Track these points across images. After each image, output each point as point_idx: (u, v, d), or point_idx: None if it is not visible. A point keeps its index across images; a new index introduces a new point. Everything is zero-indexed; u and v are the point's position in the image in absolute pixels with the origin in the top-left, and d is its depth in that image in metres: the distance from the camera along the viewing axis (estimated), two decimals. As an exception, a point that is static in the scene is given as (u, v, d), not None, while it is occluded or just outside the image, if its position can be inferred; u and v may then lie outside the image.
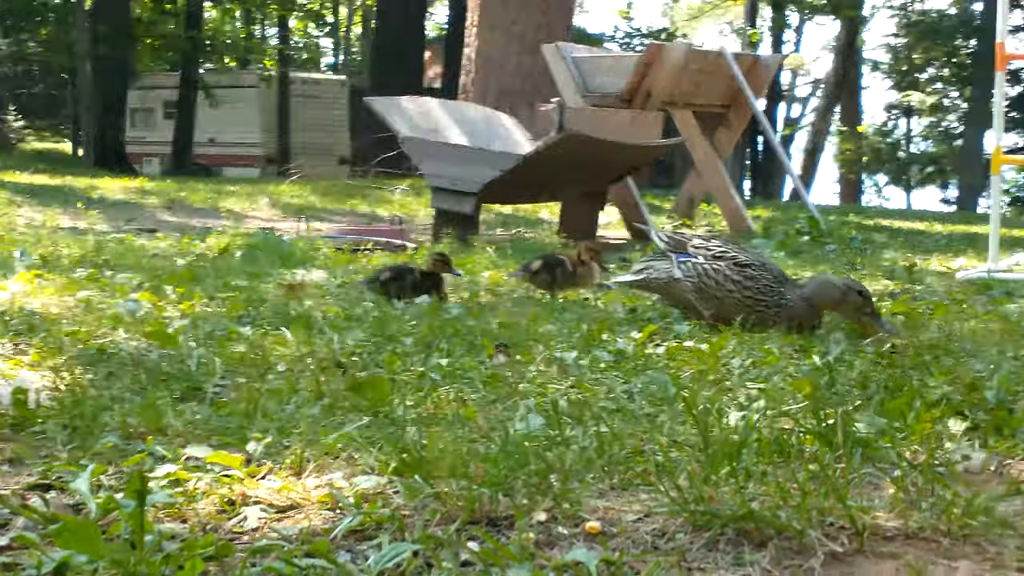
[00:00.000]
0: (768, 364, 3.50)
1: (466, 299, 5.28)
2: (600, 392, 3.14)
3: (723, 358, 3.59)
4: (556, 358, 3.60)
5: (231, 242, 7.88)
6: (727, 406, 2.87)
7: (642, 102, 10.53)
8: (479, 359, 3.65)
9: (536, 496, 2.12)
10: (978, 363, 3.45)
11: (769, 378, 3.24)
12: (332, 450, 2.45)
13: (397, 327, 4.18)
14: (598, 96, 10.68)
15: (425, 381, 3.23)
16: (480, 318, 4.54)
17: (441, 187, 9.06)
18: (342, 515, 2.07)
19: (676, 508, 2.02)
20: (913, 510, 2.02)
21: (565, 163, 9.02)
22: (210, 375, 3.27)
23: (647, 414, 2.83)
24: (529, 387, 3.18)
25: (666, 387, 3.11)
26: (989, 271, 7.25)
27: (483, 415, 2.81)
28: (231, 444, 2.50)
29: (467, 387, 3.20)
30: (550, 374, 3.41)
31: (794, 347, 3.91)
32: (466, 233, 8.77)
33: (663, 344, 3.97)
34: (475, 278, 6.22)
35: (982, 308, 5.21)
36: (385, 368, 3.42)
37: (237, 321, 4.36)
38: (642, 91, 10.53)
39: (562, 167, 9.10)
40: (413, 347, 3.81)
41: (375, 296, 5.13)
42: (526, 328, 4.21)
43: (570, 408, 2.82)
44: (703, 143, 11.40)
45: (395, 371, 3.37)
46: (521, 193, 9.96)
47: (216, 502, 2.15)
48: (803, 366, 3.44)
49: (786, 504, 1.99)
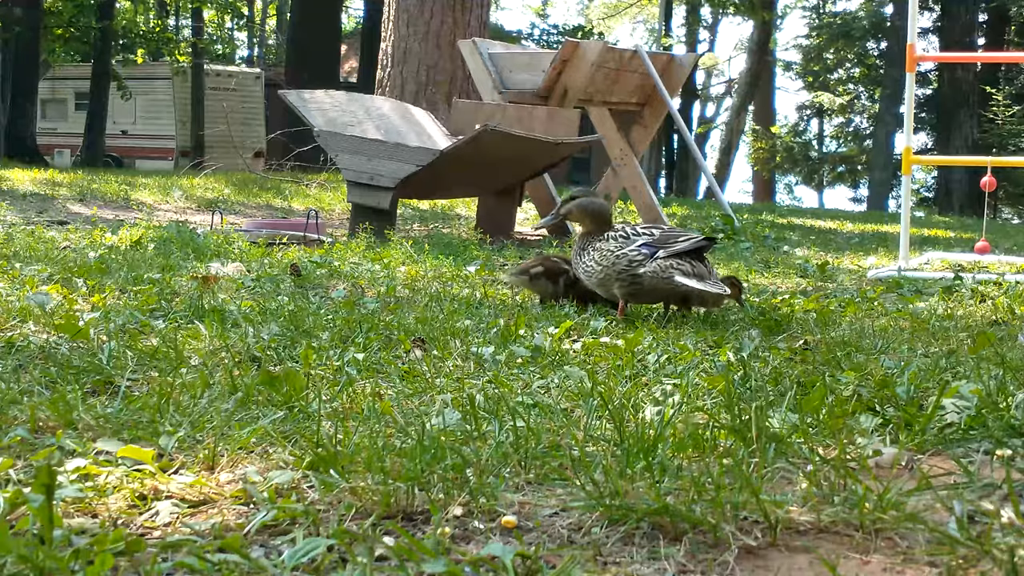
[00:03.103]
0: (683, 360, 3.52)
1: (383, 293, 5.25)
2: (517, 387, 3.15)
3: (639, 354, 3.62)
4: (473, 353, 3.60)
5: (144, 234, 7.78)
6: (643, 401, 2.89)
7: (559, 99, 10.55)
8: (396, 354, 3.64)
9: (452, 491, 2.11)
10: (889, 360, 3.49)
11: (684, 373, 3.25)
12: (246, 444, 2.42)
13: (313, 321, 4.16)
14: (515, 92, 10.68)
15: (341, 375, 3.22)
16: (397, 313, 4.53)
17: (357, 182, 9.01)
18: (256, 510, 2.05)
19: (592, 502, 2.02)
20: (826, 504, 2.03)
21: (482, 159, 9.01)
22: (122, 368, 3.22)
23: (563, 409, 2.84)
24: (446, 382, 3.17)
25: (582, 382, 3.12)
26: (900, 269, 7.36)
27: (400, 410, 2.80)
28: (143, 438, 2.46)
29: (384, 381, 3.19)
30: (467, 369, 3.41)
31: (708, 343, 3.94)
32: (383, 228, 8.73)
33: (579, 340, 3.97)
34: (392, 272, 6.19)
35: (892, 306, 5.29)
36: (301, 362, 3.39)
37: (150, 314, 4.31)
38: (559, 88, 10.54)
39: (479, 163, 9.10)
40: (329, 341, 3.79)
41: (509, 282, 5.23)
42: (443, 323, 4.21)
43: (487, 403, 2.81)
44: (619, 140, 11.44)
45: (311, 365, 3.34)
46: (438, 188, 9.93)
47: (127, 497, 2.11)
48: (718, 362, 3.46)
49: (701, 498, 2.00)
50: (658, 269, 4.45)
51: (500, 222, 10.07)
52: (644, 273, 4.46)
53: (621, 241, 4.57)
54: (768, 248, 9.36)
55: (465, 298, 5.17)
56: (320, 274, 6.05)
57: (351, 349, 3.64)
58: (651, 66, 11.26)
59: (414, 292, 5.43)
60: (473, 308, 4.80)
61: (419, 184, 9.06)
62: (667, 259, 4.45)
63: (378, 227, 8.70)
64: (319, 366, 3.37)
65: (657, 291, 4.50)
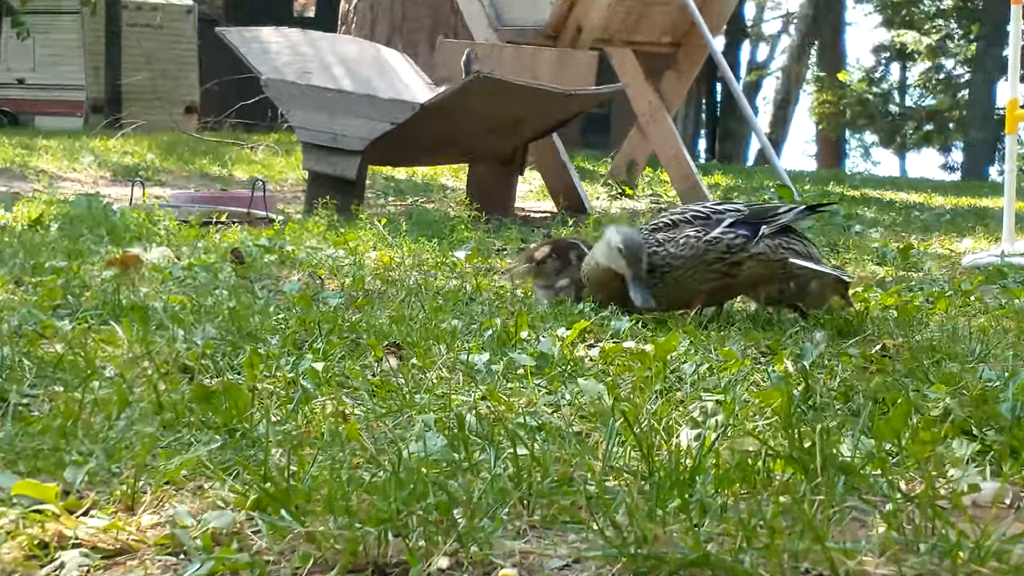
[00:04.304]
0: (728, 370, 3.52)
1: (348, 286, 5.26)
2: (518, 405, 3.14)
3: (672, 362, 3.61)
4: (462, 362, 3.60)
5: (45, 211, 7.77)
6: (677, 422, 2.88)
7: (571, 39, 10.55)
8: (364, 363, 3.65)
9: (436, 537, 2.11)
10: (989, 370, 3.45)
11: (730, 387, 3.26)
12: (174, 478, 2.42)
13: (260, 321, 4.16)
14: (515, 31, 10.68)
15: (295, 390, 3.21)
16: (366, 310, 4.53)
17: (316, 143, 8.99)
18: (187, 561, 2.05)
19: (613, 551, 2.02)
20: (909, 554, 2.02)
21: (474, 114, 9.00)
22: (17, 382, 3.21)
23: (577, 433, 2.83)
24: (428, 398, 3.17)
25: (601, 398, 3.11)
26: (1002, 255, 7.31)
27: (369, 434, 2.80)
28: (44, 471, 2.46)
29: (349, 398, 3.20)
30: (454, 382, 3.41)
31: (760, 348, 3.95)
32: (349, 203, 8.70)
33: (597, 344, 3.99)
34: (360, 259, 6.20)
35: (993, 301, 5.28)
36: (244, 374, 3.39)
37: (52, 313, 4.31)
38: (571, 25, 10.54)
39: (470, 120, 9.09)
40: (280, 347, 3.79)
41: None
42: (424, 324, 4.20)
43: (479, 425, 2.81)
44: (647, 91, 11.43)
45: (257, 377, 3.34)
46: (418, 153, 9.91)
47: (24, 545, 2.11)
48: (772, 372, 3.46)
49: (751, 546, 2.00)
50: (768, 250, 4.47)
51: (496, 195, 10.04)
52: (753, 255, 4.46)
53: (700, 225, 4.55)
54: (836, 228, 9.32)
55: (452, 292, 5.16)
56: (269, 261, 6.04)
57: (307, 357, 3.61)
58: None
59: (388, 284, 5.44)
60: (462, 304, 4.79)
61: (394, 147, 9.05)
62: (774, 237, 4.48)
63: (342, 202, 8.67)
64: (267, 378, 3.36)
65: (757, 280, 4.54)
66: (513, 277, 5.31)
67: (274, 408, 3.02)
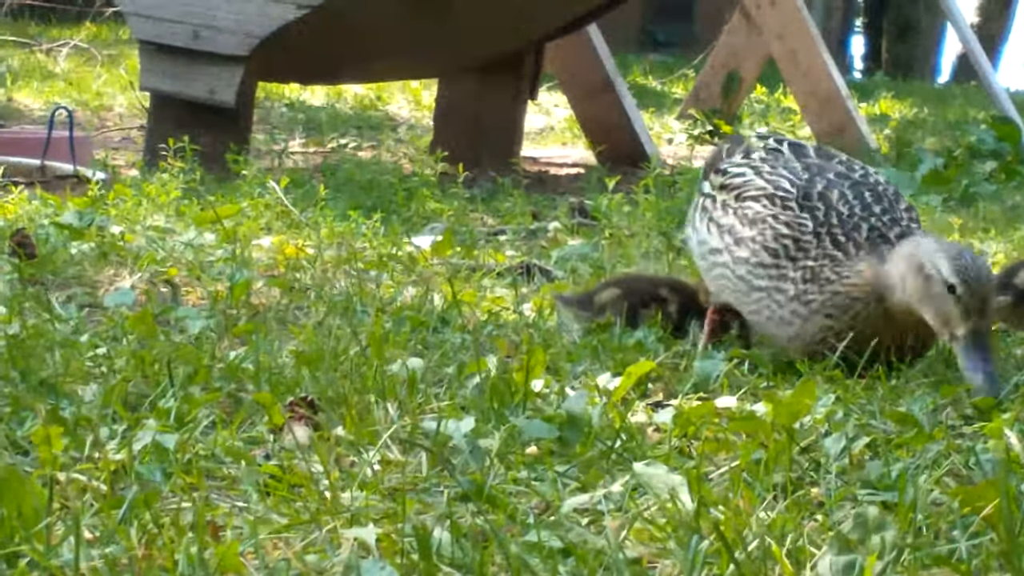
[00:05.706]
0: (905, 447, 3.39)
1: (222, 298, 4.92)
2: (526, 510, 2.95)
3: (805, 433, 3.40)
4: (426, 433, 3.38)
5: None
6: (814, 542, 2.75)
7: None
8: (252, 434, 3.52)
9: None
10: None
11: (909, 477, 3.06)
12: None
13: (63, 360, 3.94)
14: None
15: (126, 485, 3.01)
16: (253, 341, 4.28)
17: (163, 43, 8.48)
18: None
19: None
20: None
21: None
22: None
23: (632, 561, 2.68)
24: (365, 499, 2.98)
25: (676, 499, 2.92)
26: None
27: (261, 565, 2.61)
28: None
29: (225, 499, 3.05)
30: (413, 470, 3.22)
31: (961, 410, 3.82)
32: (223, 149, 8.27)
33: (668, 404, 3.75)
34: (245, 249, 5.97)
35: None
36: (35, 454, 3.21)
37: None
38: None
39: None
40: (100, 407, 3.56)
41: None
42: (358, 365, 3.87)
43: (457, 548, 2.66)
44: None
45: (57, 462, 3.04)
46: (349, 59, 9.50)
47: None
48: (983, 452, 3.25)
49: None
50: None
51: (488, 134, 9.69)
52: None
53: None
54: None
55: (410, 309, 5.06)
56: (79, 254, 5.96)
57: (149, 425, 3.40)
58: None
59: (293, 295, 5.38)
60: (427, 332, 4.67)
61: (305, 49, 8.55)
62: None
63: (211, 148, 8.28)
64: (76, 463, 3.16)
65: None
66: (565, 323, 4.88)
67: (87, 517, 2.79)
